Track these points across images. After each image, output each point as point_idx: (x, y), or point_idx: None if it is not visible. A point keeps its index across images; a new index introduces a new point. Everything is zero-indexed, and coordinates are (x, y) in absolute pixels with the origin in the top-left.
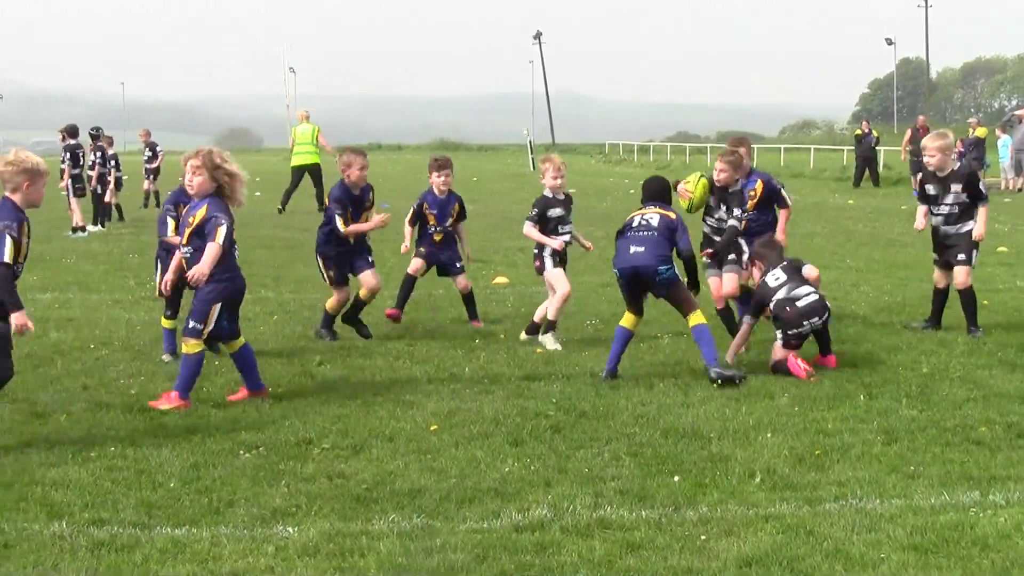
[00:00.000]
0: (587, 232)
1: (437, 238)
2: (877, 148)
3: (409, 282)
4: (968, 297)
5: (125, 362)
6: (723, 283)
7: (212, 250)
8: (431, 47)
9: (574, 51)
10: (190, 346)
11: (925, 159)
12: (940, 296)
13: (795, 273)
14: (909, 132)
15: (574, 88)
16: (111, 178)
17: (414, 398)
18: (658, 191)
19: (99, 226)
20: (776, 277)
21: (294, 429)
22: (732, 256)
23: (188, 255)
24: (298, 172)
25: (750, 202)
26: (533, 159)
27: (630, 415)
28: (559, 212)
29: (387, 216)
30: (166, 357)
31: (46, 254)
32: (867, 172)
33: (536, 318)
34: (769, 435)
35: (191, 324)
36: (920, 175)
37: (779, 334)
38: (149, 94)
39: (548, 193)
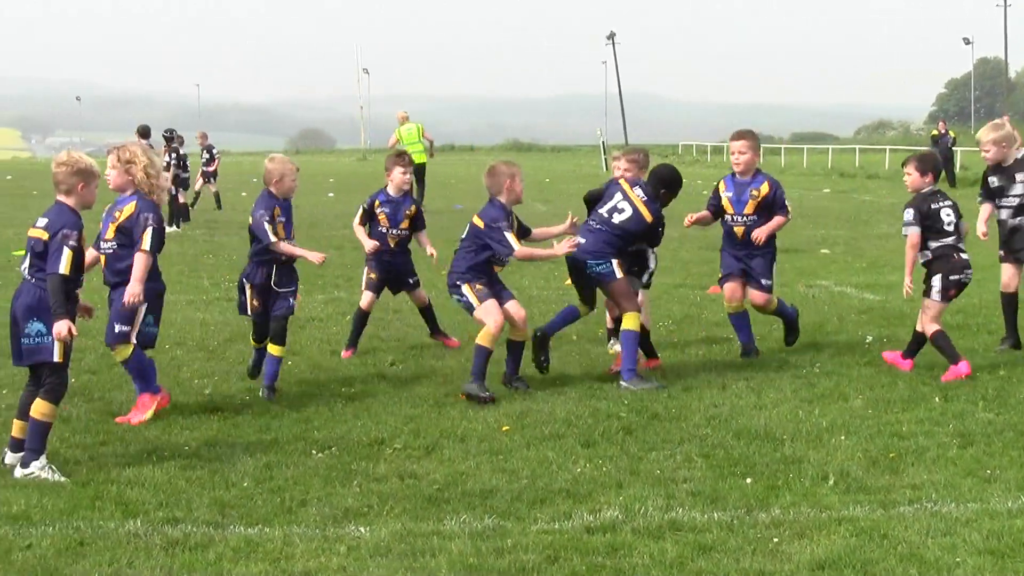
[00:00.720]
0: None
1: (392, 243)
2: (954, 149)
3: (362, 318)
4: None
5: (199, 362)
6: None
7: (141, 261)
8: (505, 48)
9: (651, 52)
10: (123, 351)
11: (982, 154)
12: (1011, 303)
13: (960, 222)
14: None
15: (650, 89)
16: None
17: None
18: (662, 182)
19: (174, 227)
20: (948, 214)
21: (366, 429)
22: (635, 268)
23: (110, 251)
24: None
25: (751, 202)
26: (606, 160)
27: (702, 417)
28: None
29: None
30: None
31: None
32: (944, 173)
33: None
34: (843, 437)
35: (117, 329)
36: (985, 169)
37: (936, 281)
38: (225, 96)
39: None
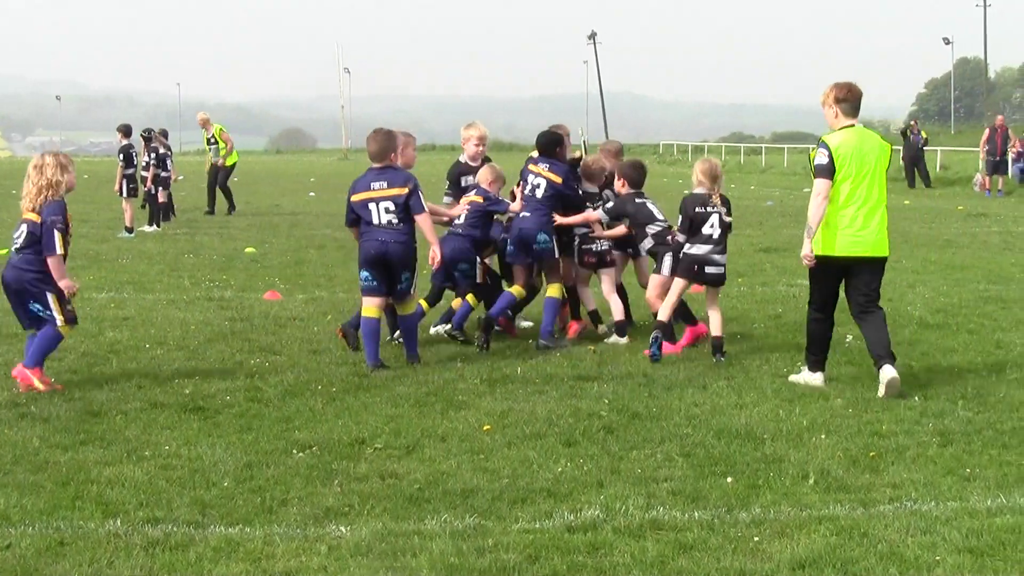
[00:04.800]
0: None
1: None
2: (925, 148)
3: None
4: None
5: (180, 361)
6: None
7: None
8: (486, 48)
9: (633, 51)
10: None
11: None
12: None
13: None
14: (987, 131)
15: (632, 88)
16: (166, 175)
17: (467, 398)
18: (545, 145)
19: (154, 226)
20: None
21: (347, 429)
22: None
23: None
24: None
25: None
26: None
27: (683, 416)
28: None
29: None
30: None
31: (102, 254)
32: (917, 172)
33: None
34: (823, 436)
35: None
36: None
37: None
38: (206, 95)
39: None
